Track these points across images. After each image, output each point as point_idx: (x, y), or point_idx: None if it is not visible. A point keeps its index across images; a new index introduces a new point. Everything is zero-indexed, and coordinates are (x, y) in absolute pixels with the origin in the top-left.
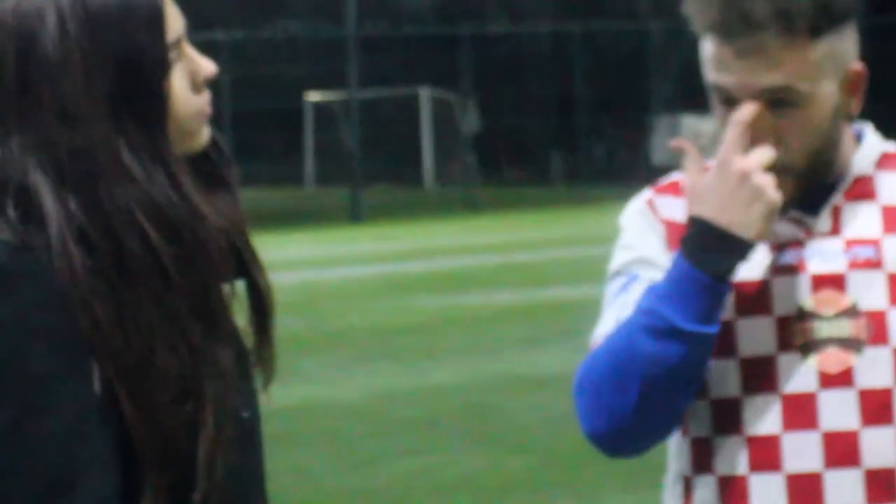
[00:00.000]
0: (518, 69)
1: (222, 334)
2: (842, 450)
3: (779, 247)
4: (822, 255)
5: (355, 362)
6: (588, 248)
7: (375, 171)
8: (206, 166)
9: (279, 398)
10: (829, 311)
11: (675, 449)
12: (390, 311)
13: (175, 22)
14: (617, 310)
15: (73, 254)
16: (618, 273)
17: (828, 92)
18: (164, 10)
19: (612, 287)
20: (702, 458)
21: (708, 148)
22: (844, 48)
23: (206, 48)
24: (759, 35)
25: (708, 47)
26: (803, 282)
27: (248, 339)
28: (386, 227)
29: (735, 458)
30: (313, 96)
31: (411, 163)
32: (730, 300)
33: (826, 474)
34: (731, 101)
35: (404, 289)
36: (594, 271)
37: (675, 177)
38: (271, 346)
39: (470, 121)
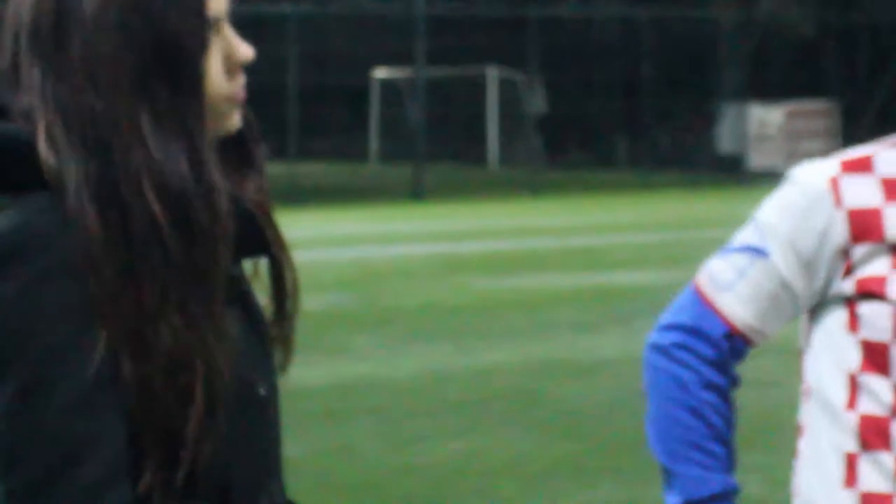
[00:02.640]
0: (586, 52)
1: (223, 314)
2: None
3: None
4: None
5: (407, 341)
6: (648, 234)
7: (439, 150)
8: (236, 144)
9: (330, 375)
10: None
11: (827, 423)
12: (446, 290)
13: (217, 1)
14: (729, 267)
15: (88, 215)
16: (762, 228)
17: None
18: None
19: (748, 234)
20: (875, 437)
21: (774, 137)
22: None
23: (274, 21)
24: None
25: None
26: None
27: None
28: (447, 206)
29: None
30: (380, 73)
31: (476, 142)
32: None
33: None
34: None
35: (461, 269)
36: (652, 258)
37: (864, 150)
38: (290, 324)
39: (536, 102)
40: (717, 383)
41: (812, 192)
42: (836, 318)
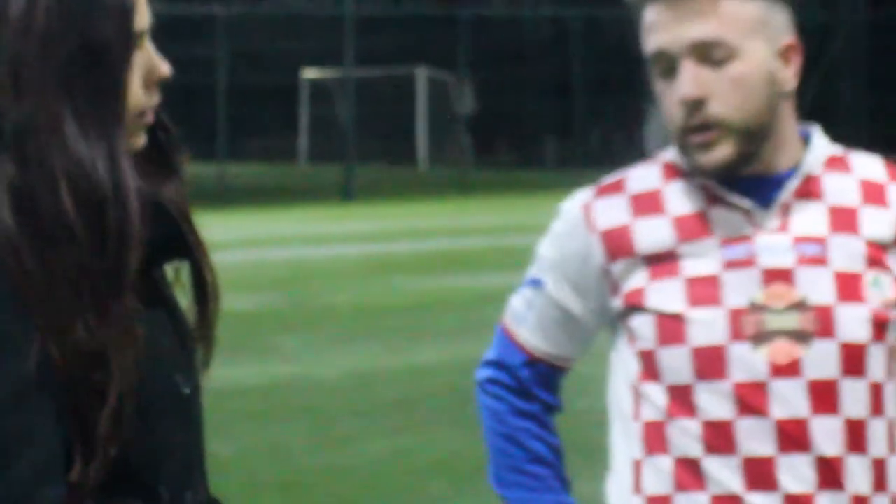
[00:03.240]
0: (516, 52)
1: (132, 316)
2: (793, 436)
3: (729, 241)
4: (771, 250)
5: (338, 341)
6: None
7: (369, 150)
8: (156, 150)
9: (260, 375)
10: (779, 304)
11: (622, 435)
12: (376, 290)
13: (143, 15)
14: (521, 301)
15: (3, 209)
16: (538, 261)
17: (760, 52)
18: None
19: (532, 269)
20: (655, 442)
21: None
22: (778, 20)
23: (204, 22)
24: None
25: (646, 18)
26: (754, 276)
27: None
28: (377, 206)
29: (690, 442)
30: (310, 73)
31: (405, 142)
32: (682, 291)
33: (779, 458)
34: (668, 71)
35: (392, 269)
36: None
37: (623, 174)
38: (212, 325)
39: (465, 102)
40: (527, 409)
41: (570, 220)
42: (620, 335)
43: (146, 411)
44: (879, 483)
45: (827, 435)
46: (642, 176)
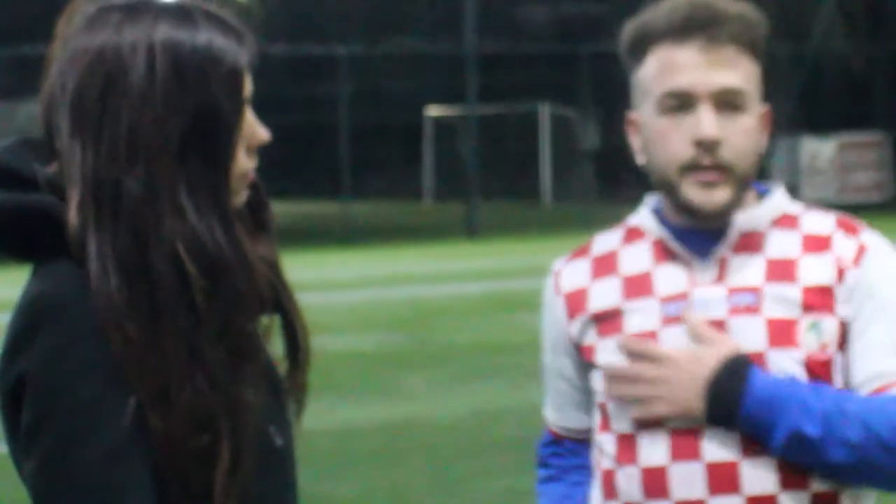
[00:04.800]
0: None
1: (248, 374)
2: (723, 479)
3: (669, 298)
4: (706, 304)
5: (460, 380)
6: None
7: (493, 187)
8: (246, 209)
9: (381, 414)
10: None
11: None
12: (500, 328)
13: (248, 82)
14: (553, 391)
15: (111, 283)
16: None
17: (756, 112)
18: (244, 70)
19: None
20: (608, 485)
21: (826, 171)
22: (760, 87)
23: (327, 62)
24: (726, 28)
25: (658, 60)
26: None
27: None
28: (501, 243)
29: (632, 486)
30: (433, 111)
31: (529, 179)
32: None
33: (710, 500)
34: (678, 109)
35: (516, 306)
36: None
37: (593, 238)
38: (304, 376)
39: (588, 138)
40: (543, 475)
41: (547, 289)
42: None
43: None
44: None
45: (757, 476)
46: (606, 239)
